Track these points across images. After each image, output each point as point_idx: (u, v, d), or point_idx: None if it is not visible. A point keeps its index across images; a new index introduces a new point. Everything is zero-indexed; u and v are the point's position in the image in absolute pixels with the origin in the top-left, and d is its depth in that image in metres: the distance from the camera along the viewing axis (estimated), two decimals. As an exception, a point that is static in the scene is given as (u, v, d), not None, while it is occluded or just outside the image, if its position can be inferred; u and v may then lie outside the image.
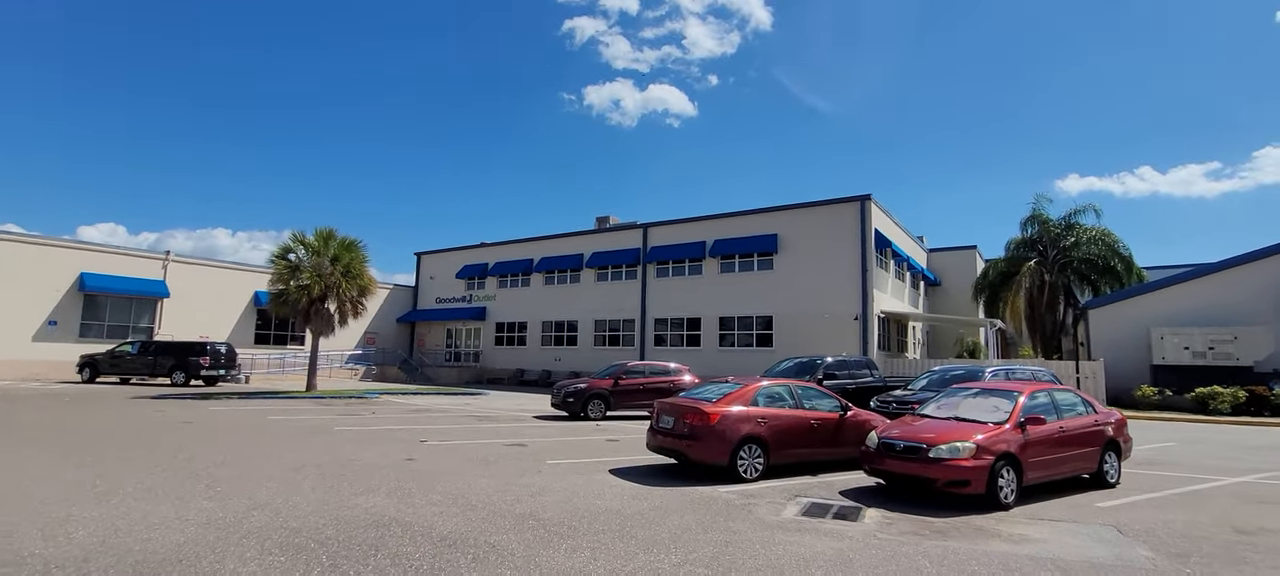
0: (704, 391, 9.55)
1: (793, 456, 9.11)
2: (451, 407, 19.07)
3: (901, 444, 7.66)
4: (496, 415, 17.12)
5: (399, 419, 15.30)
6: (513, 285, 37.08)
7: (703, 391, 9.59)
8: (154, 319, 29.92)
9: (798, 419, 9.19)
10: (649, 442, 9.43)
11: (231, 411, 15.83)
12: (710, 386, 9.64)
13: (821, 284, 26.31)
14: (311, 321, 21.17)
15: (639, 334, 31.07)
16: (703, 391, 9.59)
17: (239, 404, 17.98)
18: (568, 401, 16.48)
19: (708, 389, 9.62)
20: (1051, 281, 28.65)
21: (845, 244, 25.99)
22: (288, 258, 21.06)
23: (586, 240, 34.29)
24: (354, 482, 7.70)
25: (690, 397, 9.37)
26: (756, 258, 28.42)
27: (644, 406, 17.22)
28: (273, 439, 11.33)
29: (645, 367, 17.78)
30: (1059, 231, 29.57)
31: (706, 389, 9.65)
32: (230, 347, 26.87)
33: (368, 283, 21.67)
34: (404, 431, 12.95)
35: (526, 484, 7.97)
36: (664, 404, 9.34)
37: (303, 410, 16.74)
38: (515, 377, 34.82)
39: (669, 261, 30.89)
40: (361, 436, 11.99)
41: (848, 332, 25.37)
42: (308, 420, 14.43)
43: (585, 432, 13.81)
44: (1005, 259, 30.77)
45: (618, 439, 12.88)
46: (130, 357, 25.60)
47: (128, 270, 29.23)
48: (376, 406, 18.64)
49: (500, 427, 14.19)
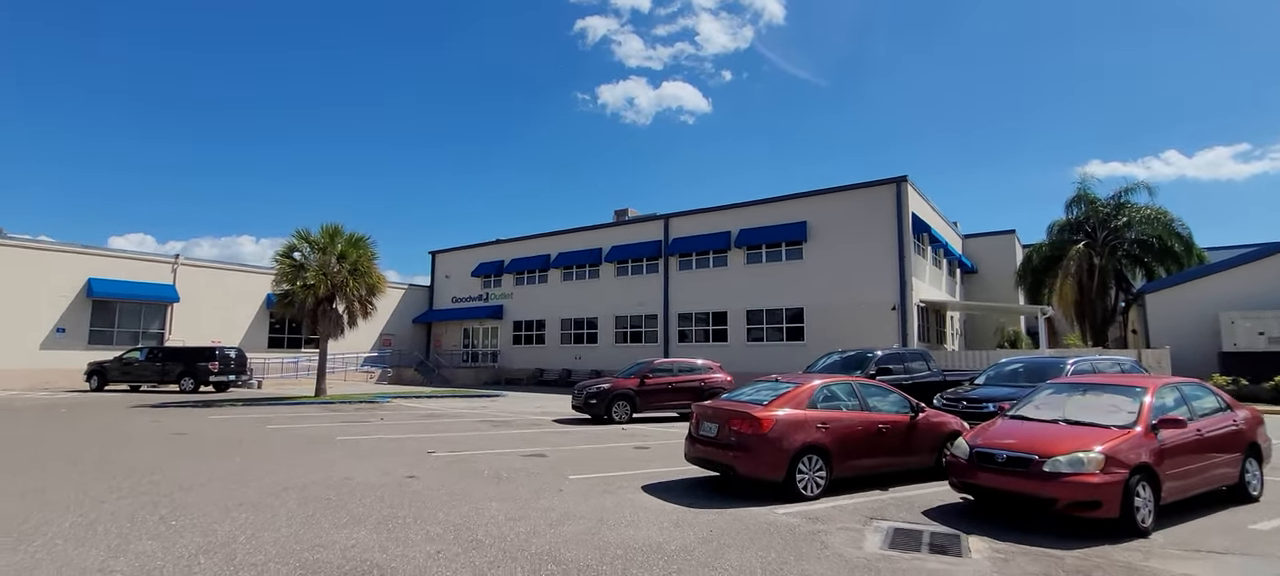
0: (751, 392, 8.16)
1: (859, 468, 7.70)
2: (466, 411, 17.89)
3: (1003, 454, 6.21)
4: (513, 419, 15.88)
5: (407, 426, 14.12)
6: (530, 282, 35.93)
7: (749, 392, 8.20)
8: (165, 324, 29.22)
9: (864, 423, 7.78)
10: (687, 453, 8.08)
11: (231, 421, 14.78)
12: (759, 386, 8.25)
13: (855, 273, 24.72)
14: (319, 323, 20.13)
15: (662, 330, 29.71)
16: (749, 392, 8.20)
17: (242, 411, 16.97)
18: (590, 403, 15.18)
19: (754, 389, 8.23)
20: (1101, 265, 26.72)
21: (880, 229, 24.37)
22: (292, 256, 20.03)
23: (605, 233, 33.00)
24: (339, 511, 6.45)
25: (736, 400, 7.99)
26: (785, 247, 26.89)
27: (673, 407, 15.90)
28: (264, 453, 10.17)
29: (673, 365, 16.42)
30: (1108, 212, 27.58)
31: (753, 389, 8.26)
32: (240, 352, 26.02)
33: (377, 281, 20.57)
34: (411, 441, 11.74)
35: (545, 509, 6.66)
36: (705, 408, 7.97)
37: (307, 417, 15.65)
38: (534, 378, 33.67)
39: (692, 253, 29.46)
40: (363, 448, 10.80)
41: (885, 324, 23.76)
42: (309, 429, 13.30)
43: (610, 438, 12.49)
44: (1049, 243, 28.86)
45: (647, 446, 11.55)
46: (138, 364, 24.85)
47: (137, 275, 28.55)
48: (386, 411, 17.52)
49: (517, 435, 12.93)
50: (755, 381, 8.69)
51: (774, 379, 8.40)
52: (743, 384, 18.94)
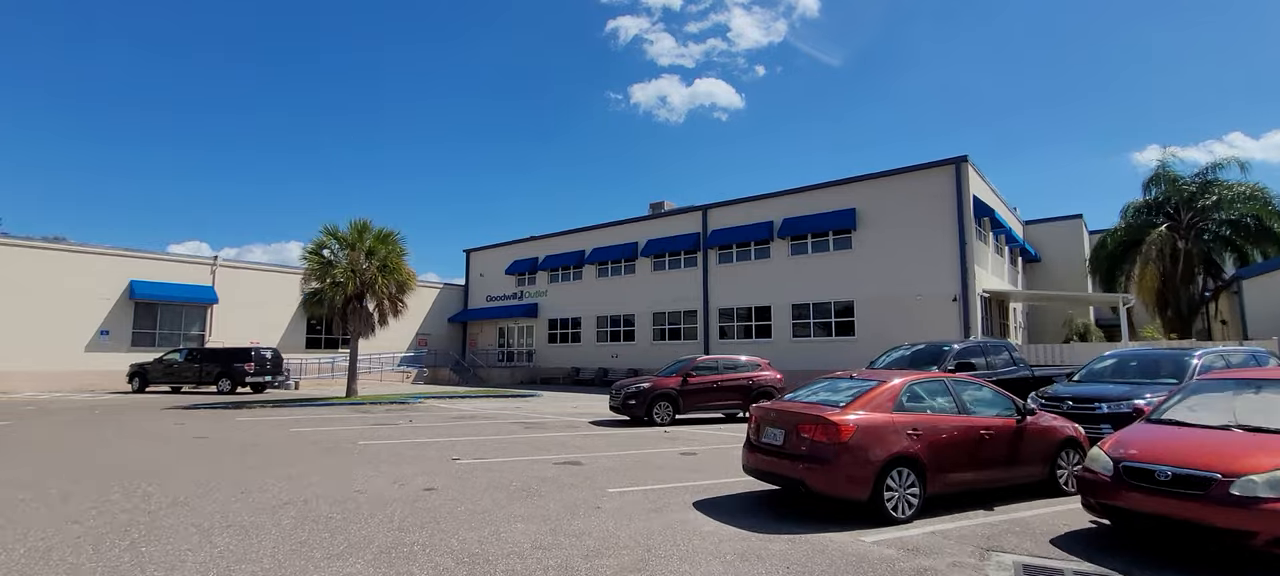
0: (823, 391, 6.88)
1: (957, 483, 6.36)
2: (499, 413, 17.00)
3: (1166, 471, 4.82)
4: (548, 421, 14.88)
5: (436, 429, 13.24)
6: (564, 279, 35.08)
7: (820, 391, 6.92)
8: (205, 326, 29.34)
9: (962, 429, 6.43)
10: (746, 463, 6.85)
11: (256, 423, 14.16)
12: (830, 384, 6.97)
13: (911, 262, 22.99)
14: (349, 321, 19.55)
15: (701, 326, 28.43)
16: (820, 391, 6.92)
17: (270, 414, 16.42)
18: (629, 404, 14.06)
19: (825, 388, 6.95)
20: (1187, 249, 24.31)
21: (939, 215, 22.58)
22: (321, 254, 19.48)
23: (640, 227, 31.88)
24: (337, 535, 5.46)
25: (805, 401, 6.72)
26: (832, 236, 25.29)
27: (718, 408, 14.67)
28: (278, 460, 9.35)
29: (718, 363, 15.18)
30: (1193, 191, 25.12)
31: (823, 388, 6.97)
32: (276, 353, 25.80)
33: (407, 277, 19.89)
34: (436, 446, 10.80)
35: (579, 533, 5.54)
36: (767, 411, 6.73)
37: (333, 419, 14.95)
38: (570, 377, 32.80)
39: (732, 245, 28.09)
40: (383, 454, 9.90)
41: (945, 316, 21.99)
42: (333, 432, 12.52)
43: (652, 442, 11.34)
44: (1125, 227, 26.50)
45: (694, 451, 10.35)
46: (178, 365, 24.82)
47: (178, 276, 28.71)
48: (416, 413, 16.75)
49: (551, 438, 11.89)
50: (820, 378, 7.41)
51: (847, 375, 7.10)
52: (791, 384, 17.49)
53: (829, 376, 7.39)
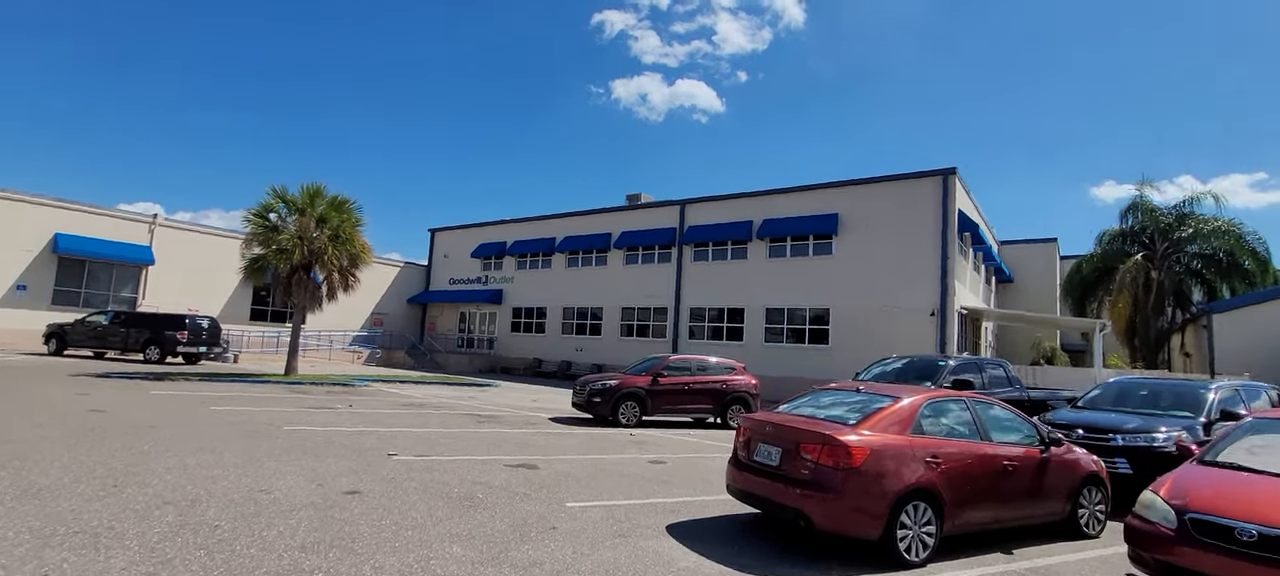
0: (826, 405, 5.90)
1: (976, 522, 5.45)
2: (452, 402, 15.70)
3: (1251, 530, 3.96)
4: (504, 415, 13.68)
5: (377, 417, 11.92)
6: (532, 266, 33.70)
7: (822, 405, 5.94)
8: (138, 288, 27.13)
9: (986, 458, 5.53)
10: (732, 483, 5.84)
11: (172, 398, 12.61)
12: (838, 397, 5.99)
13: (890, 272, 22.40)
14: (293, 293, 17.96)
15: (672, 324, 27.46)
16: (822, 405, 5.94)
17: (193, 387, 14.81)
18: (594, 402, 12.95)
19: (830, 401, 5.97)
20: (1159, 279, 24.37)
21: (922, 226, 22.03)
22: (267, 217, 17.82)
23: (615, 218, 30.73)
24: (219, 549, 4.25)
25: (805, 415, 5.72)
26: (812, 240, 24.58)
27: (688, 411, 13.68)
28: (179, 444, 7.98)
29: (690, 363, 14.18)
30: (1169, 222, 25.22)
31: (827, 401, 6.00)
32: (214, 322, 23.89)
33: (361, 249, 18.36)
34: (374, 436, 9.53)
35: (530, 564, 4.44)
36: (760, 424, 5.71)
37: (264, 399, 13.48)
38: (531, 368, 31.48)
39: (708, 243, 27.19)
40: (310, 443, 8.60)
41: (922, 331, 21.44)
42: (258, 414, 11.11)
43: (617, 446, 10.27)
44: (1100, 253, 26.51)
45: (664, 459, 9.31)
46: (102, 328, 22.72)
47: (110, 233, 26.44)
48: (360, 397, 15.34)
49: (505, 435, 10.72)
50: (819, 388, 6.44)
51: (853, 387, 6.13)
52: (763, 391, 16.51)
53: (828, 387, 6.43)
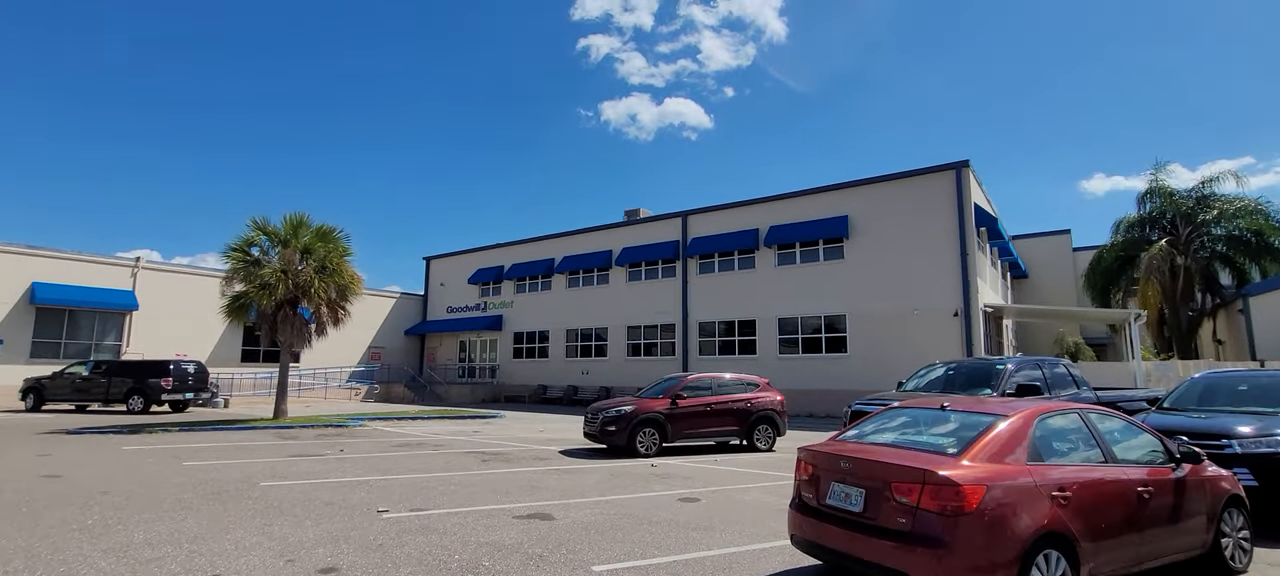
0: (908, 428, 4.79)
1: (1114, 564, 4.31)
2: (453, 438, 14.53)
3: None
4: (510, 450, 12.51)
5: (370, 463, 10.75)
6: (532, 289, 32.62)
7: (902, 427, 4.83)
8: (121, 335, 25.98)
9: (1118, 485, 4.41)
10: (799, 533, 4.71)
11: (143, 454, 11.44)
12: (920, 416, 4.89)
13: (907, 274, 21.37)
14: (279, 330, 16.84)
15: (680, 341, 26.33)
16: (902, 427, 4.83)
17: (171, 440, 13.62)
18: (608, 431, 11.81)
19: (911, 422, 4.87)
20: (1186, 265, 23.36)
21: (938, 223, 21.03)
22: (248, 251, 16.76)
23: (615, 234, 29.72)
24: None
25: (889, 445, 4.60)
26: (822, 245, 23.56)
27: (711, 434, 12.53)
28: (131, 513, 6.85)
29: (711, 382, 13.04)
30: (1190, 206, 24.27)
31: (906, 422, 4.90)
32: (201, 366, 22.71)
33: (350, 280, 17.26)
34: (364, 488, 8.38)
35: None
36: (828, 457, 4.59)
37: (246, 448, 12.30)
38: (536, 395, 30.28)
39: (714, 254, 26.16)
40: (287, 502, 7.45)
41: (945, 332, 20.37)
42: (234, 467, 9.95)
43: (640, 481, 9.11)
44: (1121, 242, 25.52)
45: (696, 496, 8.15)
46: (82, 380, 21.53)
47: (91, 278, 25.36)
48: (353, 438, 14.17)
49: (513, 476, 9.55)
50: (895, 407, 5.34)
51: (938, 404, 5.01)
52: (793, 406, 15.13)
53: (906, 403, 5.32)
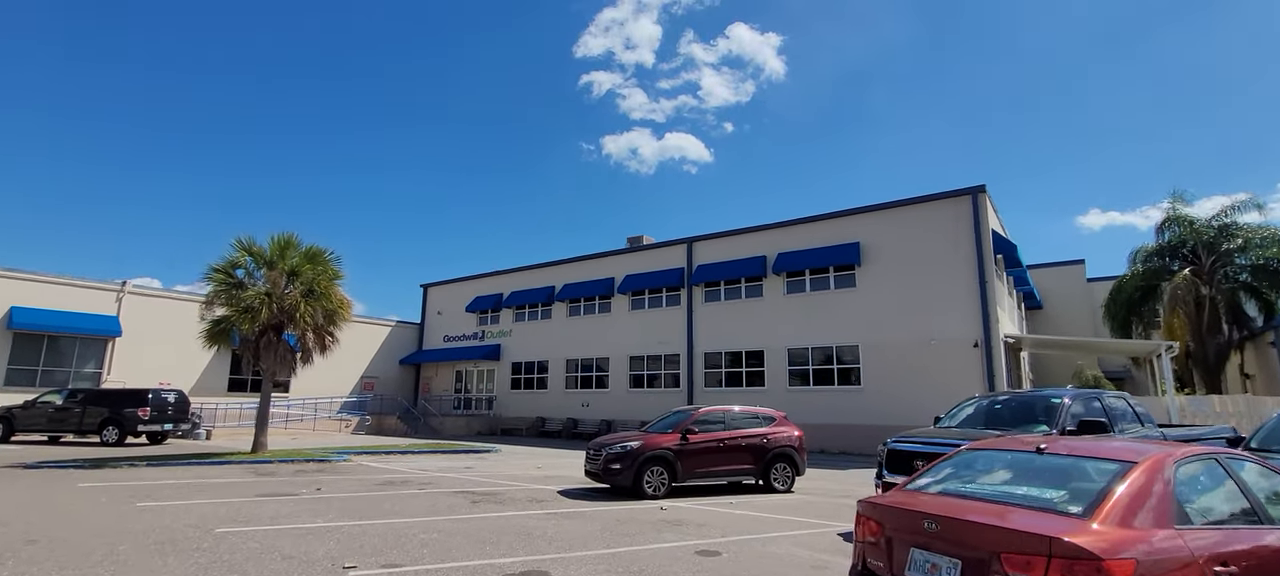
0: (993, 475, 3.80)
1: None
2: (442, 476, 13.42)
3: None
4: (504, 490, 11.41)
5: (346, 505, 9.66)
6: (531, 318, 31.64)
7: (987, 475, 3.84)
8: (103, 362, 24.93)
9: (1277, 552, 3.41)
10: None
11: (96, 493, 10.35)
12: (1020, 462, 3.90)
13: (923, 303, 20.45)
14: (262, 358, 15.84)
15: (685, 372, 25.27)
16: (987, 475, 3.84)
17: (133, 476, 12.52)
18: (612, 469, 10.74)
19: (999, 468, 3.88)
20: (1210, 295, 22.45)
21: (954, 250, 20.18)
22: (232, 273, 15.84)
23: (618, 261, 28.88)
24: None
25: (982, 499, 3.59)
26: (833, 273, 22.68)
27: (724, 472, 11.45)
28: (48, 572, 5.78)
29: (722, 415, 12.00)
30: (1212, 235, 23.46)
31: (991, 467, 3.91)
32: (181, 395, 21.62)
33: (339, 305, 16.30)
34: (334, 537, 7.32)
35: None
36: (908, 516, 3.58)
37: (213, 486, 11.21)
38: (534, 428, 29.07)
39: (720, 282, 25.26)
40: (236, 558, 6.39)
41: (965, 364, 19.36)
42: (190, 511, 8.87)
43: (650, 529, 8.03)
44: (1141, 271, 24.65)
45: (715, 547, 7.08)
46: (56, 409, 20.41)
47: (74, 303, 24.42)
48: (333, 476, 13.06)
49: (505, 522, 8.48)
50: (981, 448, 4.35)
51: (1033, 446, 4.01)
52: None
53: (984, 444, 4.33)
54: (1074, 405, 7.62)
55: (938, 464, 4.26)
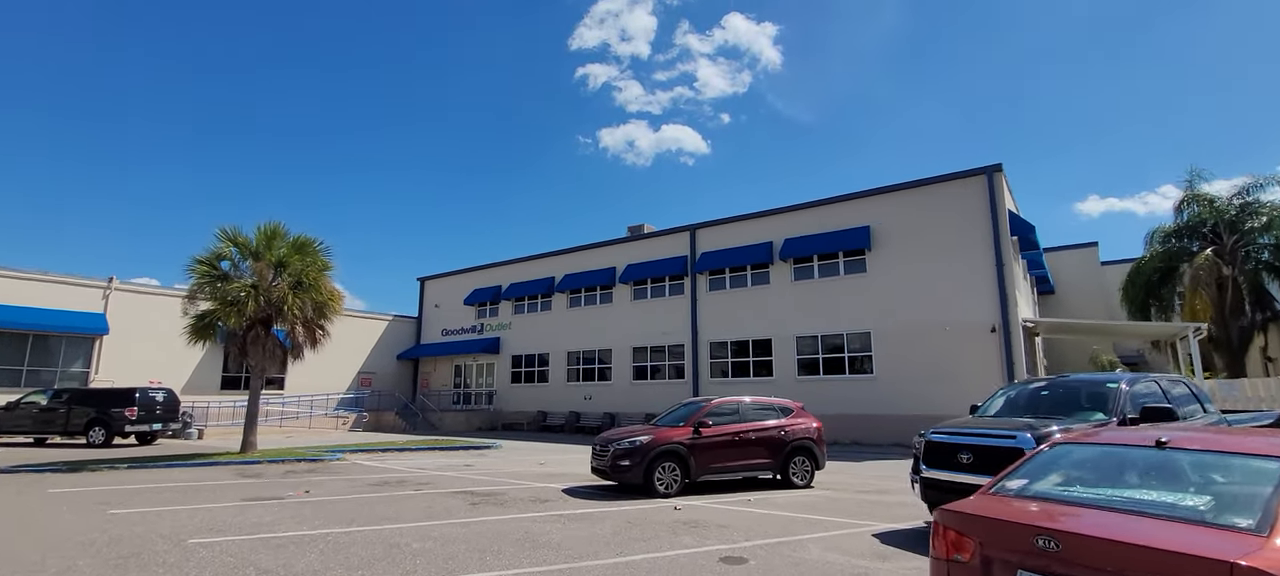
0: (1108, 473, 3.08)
1: None
2: (440, 475, 12.73)
3: None
4: (505, 490, 10.72)
5: (334, 509, 8.96)
6: (531, 309, 30.92)
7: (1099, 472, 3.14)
8: (90, 361, 24.19)
9: None
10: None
11: (67, 499, 9.65)
12: (1113, 458, 3.19)
13: (937, 288, 19.74)
14: (250, 353, 15.11)
15: (690, 362, 24.56)
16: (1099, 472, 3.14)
17: (111, 479, 11.82)
18: (620, 465, 10.04)
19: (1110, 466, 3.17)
20: (1233, 276, 21.74)
21: (969, 233, 19.45)
22: (217, 265, 15.08)
23: (619, 250, 28.12)
24: None
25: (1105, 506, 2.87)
26: (842, 258, 21.95)
27: (740, 469, 10.74)
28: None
29: (736, 406, 11.27)
30: (1234, 214, 22.73)
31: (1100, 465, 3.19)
32: (170, 394, 20.92)
33: (329, 297, 15.53)
34: (318, 547, 6.61)
35: None
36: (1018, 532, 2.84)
37: (193, 490, 10.50)
38: (535, 422, 28.40)
39: (725, 270, 24.52)
40: (205, 573, 5.68)
41: (982, 350, 18.67)
42: (164, 518, 8.16)
43: (666, 534, 7.32)
44: (1160, 253, 23.94)
45: (741, 554, 6.37)
46: (40, 410, 19.72)
47: (58, 301, 23.65)
48: (326, 476, 12.37)
49: (505, 526, 7.77)
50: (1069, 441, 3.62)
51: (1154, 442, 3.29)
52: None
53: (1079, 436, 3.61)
54: (1134, 389, 6.90)
55: (1025, 463, 3.53)
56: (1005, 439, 6.34)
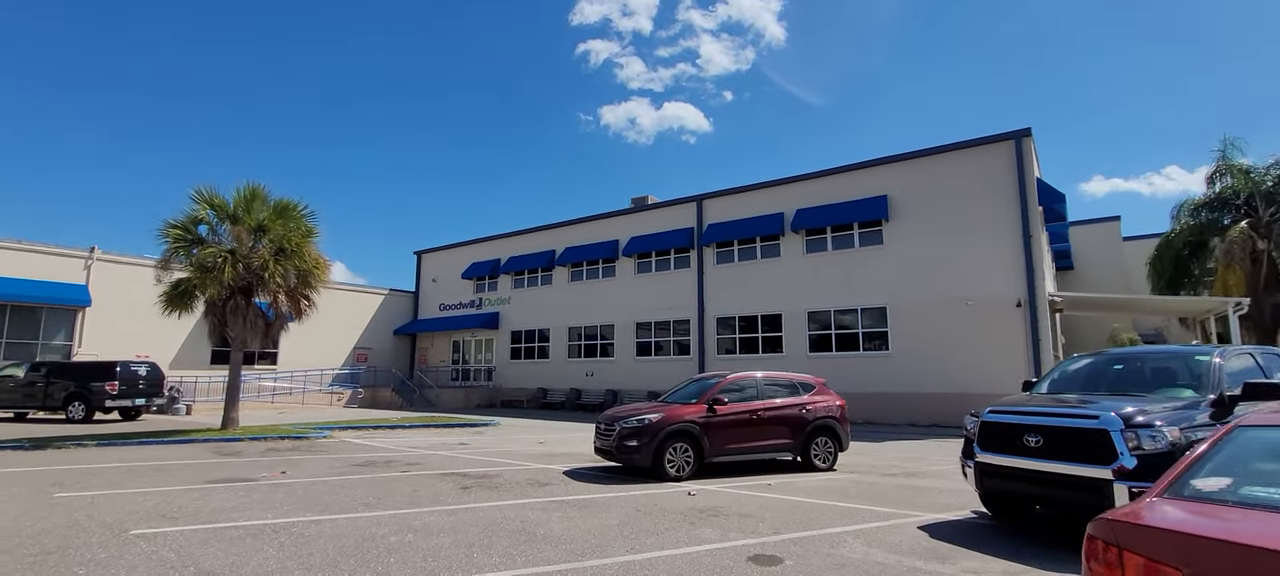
0: None
1: None
2: (431, 454, 11.84)
3: None
4: (501, 471, 9.81)
5: (309, 493, 8.04)
6: (531, 284, 29.94)
7: None
8: (72, 334, 23.30)
9: None
10: None
11: (13, 480, 8.75)
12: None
13: (958, 260, 18.73)
14: (229, 324, 14.15)
15: (696, 338, 23.63)
16: None
17: (71, 457, 10.93)
18: (627, 446, 9.10)
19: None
20: (1268, 250, 20.66)
21: (994, 202, 18.39)
22: (195, 230, 14.07)
23: (622, 222, 27.06)
24: None
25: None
26: (857, 229, 20.90)
27: (758, 450, 9.81)
28: None
29: (753, 382, 10.31)
30: (1271, 185, 21.57)
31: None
32: (154, 369, 20.01)
33: (313, 265, 14.51)
34: (279, 538, 5.68)
35: None
36: (1248, 562, 1.88)
37: (158, 471, 9.61)
38: (535, 399, 27.58)
39: (733, 242, 23.48)
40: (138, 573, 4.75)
41: (1007, 326, 17.71)
42: (114, 503, 7.25)
43: (681, 525, 6.38)
44: (1189, 226, 22.82)
45: (773, 554, 5.42)
46: (18, 383, 18.87)
47: (38, 271, 22.70)
48: (308, 455, 11.47)
49: (500, 515, 6.83)
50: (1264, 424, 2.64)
51: None
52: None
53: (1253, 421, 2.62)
54: (1231, 363, 5.91)
55: (1211, 454, 2.54)
56: (1086, 419, 5.37)
